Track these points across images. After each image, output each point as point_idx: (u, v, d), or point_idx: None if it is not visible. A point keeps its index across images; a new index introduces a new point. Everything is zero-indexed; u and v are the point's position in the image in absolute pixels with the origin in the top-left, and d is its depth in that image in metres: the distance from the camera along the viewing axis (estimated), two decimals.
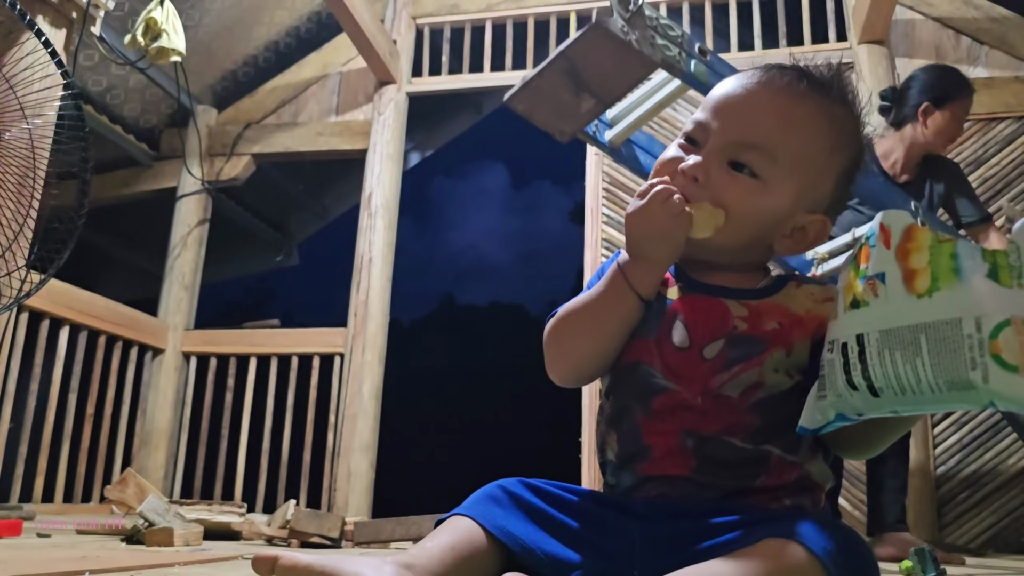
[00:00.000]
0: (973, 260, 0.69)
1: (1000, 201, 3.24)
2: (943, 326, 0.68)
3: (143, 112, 4.20)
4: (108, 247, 5.26)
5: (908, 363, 0.69)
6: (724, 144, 0.84)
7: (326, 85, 4.26)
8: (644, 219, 0.81)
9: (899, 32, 3.58)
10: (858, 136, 0.89)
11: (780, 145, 0.83)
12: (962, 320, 0.67)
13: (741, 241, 0.86)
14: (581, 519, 0.80)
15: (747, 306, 0.84)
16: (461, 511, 0.80)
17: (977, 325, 0.67)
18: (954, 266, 0.69)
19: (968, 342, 0.67)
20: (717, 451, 0.80)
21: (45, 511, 2.88)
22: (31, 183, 2.05)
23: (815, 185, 0.86)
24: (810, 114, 0.85)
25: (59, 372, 3.17)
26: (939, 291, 0.69)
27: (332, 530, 2.16)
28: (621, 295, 0.84)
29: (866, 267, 0.74)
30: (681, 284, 0.88)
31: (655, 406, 0.83)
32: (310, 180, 5.26)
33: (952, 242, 0.70)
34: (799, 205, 0.85)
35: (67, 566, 1.27)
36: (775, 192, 0.84)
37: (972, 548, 2.87)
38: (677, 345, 0.83)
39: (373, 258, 3.81)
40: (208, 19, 3.94)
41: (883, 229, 0.74)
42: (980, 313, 0.67)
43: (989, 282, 0.67)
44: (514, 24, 4.09)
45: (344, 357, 3.71)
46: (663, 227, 0.80)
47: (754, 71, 0.89)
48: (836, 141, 0.86)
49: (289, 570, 0.68)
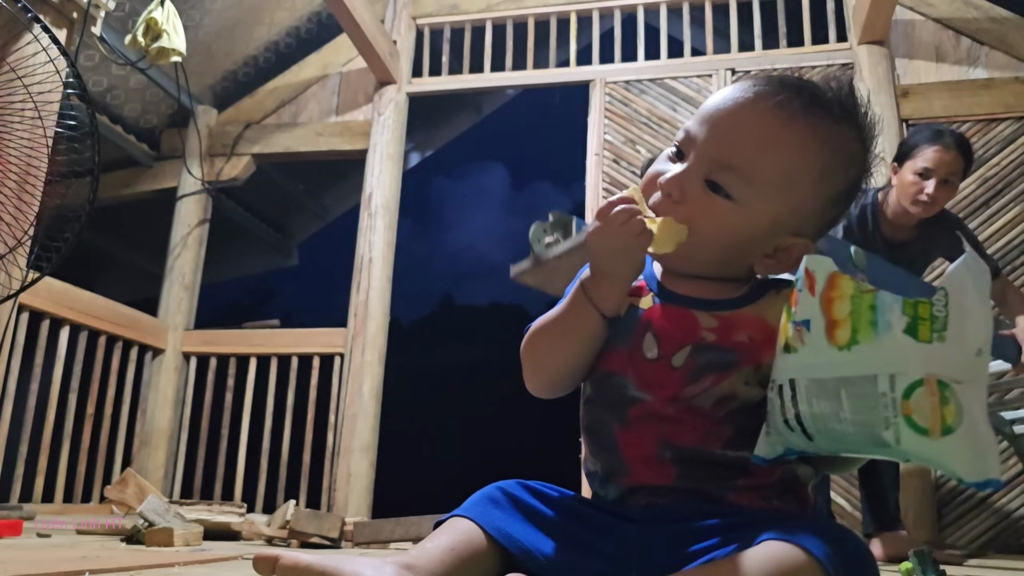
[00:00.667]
0: (892, 313, 0.66)
1: (1000, 202, 3.24)
2: (862, 381, 0.66)
3: (143, 112, 4.20)
4: (108, 247, 5.27)
5: (833, 415, 0.68)
6: (702, 161, 0.82)
7: (326, 85, 4.26)
8: (604, 239, 0.80)
9: (899, 32, 3.58)
10: (859, 157, 0.84)
11: (758, 169, 0.80)
12: (877, 377, 0.65)
13: (713, 260, 0.85)
14: (579, 521, 0.80)
15: (718, 317, 0.83)
16: (460, 512, 0.80)
17: (891, 384, 0.65)
18: (873, 319, 0.67)
19: (883, 400, 0.65)
20: (696, 459, 0.79)
21: (45, 511, 2.88)
22: (36, 180, 2.06)
23: (798, 209, 0.83)
24: (798, 137, 0.81)
25: (59, 372, 3.17)
26: (858, 344, 0.67)
27: (332, 530, 2.16)
28: (584, 312, 0.83)
29: (796, 311, 0.72)
30: (655, 294, 0.87)
31: (630, 416, 0.83)
32: (310, 180, 5.26)
33: (873, 293, 0.67)
34: (778, 228, 0.83)
35: (67, 566, 1.27)
36: (750, 215, 0.81)
37: (972, 549, 2.87)
38: (648, 356, 0.83)
39: (373, 258, 3.81)
40: (208, 19, 3.94)
41: (808, 274, 0.72)
42: (894, 371, 0.65)
43: (906, 338, 0.65)
44: (514, 24, 4.09)
45: (344, 357, 3.71)
46: (623, 247, 0.80)
47: (752, 82, 0.85)
48: (827, 165, 0.82)
49: (290, 570, 0.68)
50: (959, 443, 0.62)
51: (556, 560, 0.76)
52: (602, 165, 3.68)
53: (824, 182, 0.82)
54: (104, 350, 3.45)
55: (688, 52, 3.83)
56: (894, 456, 0.66)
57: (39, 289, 2.92)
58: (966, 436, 0.62)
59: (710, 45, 3.86)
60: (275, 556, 0.69)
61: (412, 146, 5.33)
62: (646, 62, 3.84)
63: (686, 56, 3.82)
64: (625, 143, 3.69)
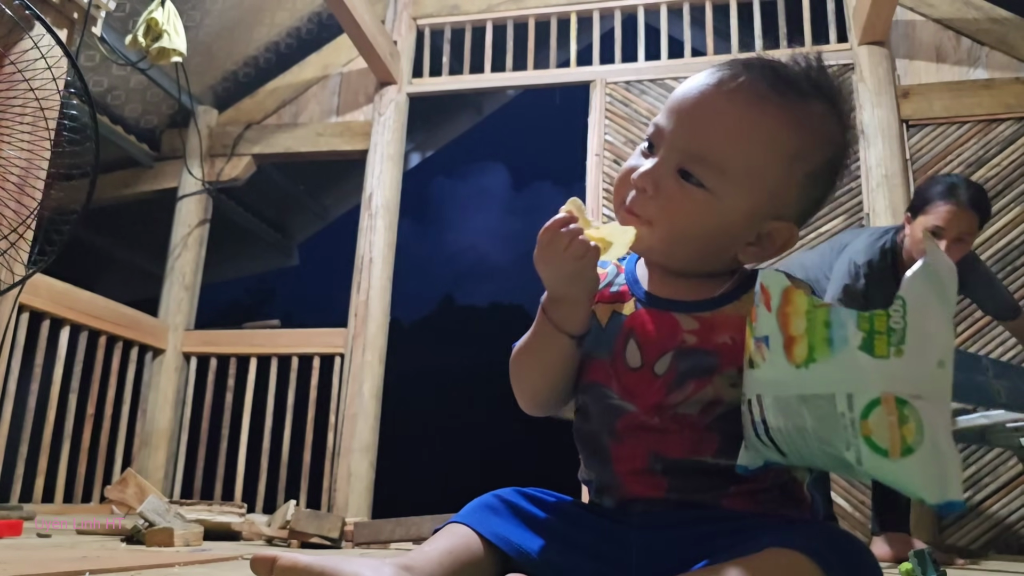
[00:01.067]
0: (847, 329, 0.63)
1: (1001, 202, 3.24)
2: (821, 400, 0.64)
3: (144, 113, 4.20)
4: (109, 247, 5.27)
5: (799, 432, 0.66)
6: (673, 152, 0.80)
7: (327, 86, 4.26)
8: (550, 264, 0.78)
9: (900, 33, 3.58)
10: (835, 134, 0.81)
11: (729, 157, 0.78)
12: (835, 396, 0.63)
13: (695, 253, 0.82)
14: (577, 525, 0.80)
15: (699, 319, 0.81)
16: (457, 519, 0.80)
17: (849, 403, 0.62)
18: (828, 336, 0.64)
19: (841, 420, 0.62)
20: (687, 469, 0.78)
21: (45, 511, 2.88)
22: (37, 179, 2.06)
23: (776, 194, 0.80)
24: (768, 120, 0.78)
25: (60, 372, 3.17)
26: (815, 362, 0.64)
27: (332, 531, 2.16)
28: (550, 335, 0.82)
29: (756, 326, 0.70)
30: (637, 299, 0.85)
31: (619, 429, 0.81)
32: (311, 181, 5.26)
33: (827, 309, 0.64)
34: (757, 215, 0.80)
35: (67, 566, 1.27)
36: (725, 205, 0.79)
37: (973, 550, 2.87)
38: (631, 365, 0.81)
39: (373, 258, 3.81)
40: (209, 20, 3.94)
41: (763, 290, 0.70)
42: (851, 390, 0.62)
43: (862, 354, 0.62)
44: (515, 25, 4.09)
45: (344, 357, 3.71)
46: (571, 271, 0.77)
47: (717, 68, 0.82)
48: (801, 146, 0.79)
49: (288, 570, 0.68)
50: (919, 464, 0.60)
51: (555, 563, 0.76)
52: (602, 166, 3.68)
53: (799, 163, 0.80)
54: (104, 350, 3.45)
55: (688, 53, 3.83)
56: (860, 476, 0.64)
57: (39, 289, 2.93)
58: (926, 456, 0.60)
59: (710, 46, 3.86)
60: (273, 557, 0.69)
61: (412, 146, 5.33)
62: (646, 63, 3.84)
63: (686, 57, 3.82)
64: (626, 144, 3.69)
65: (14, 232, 2.02)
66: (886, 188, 3.29)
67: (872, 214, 3.29)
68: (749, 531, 0.71)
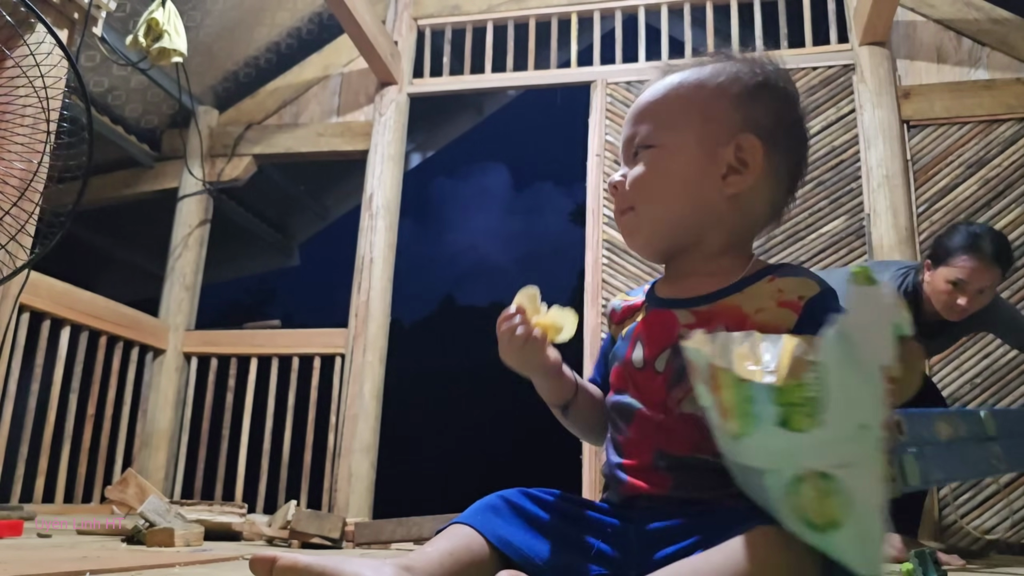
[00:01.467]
0: (763, 405, 0.60)
1: (1001, 203, 3.24)
2: (755, 474, 0.63)
3: (144, 113, 4.20)
4: (109, 247, 5.27)
5: (761, 498, 0.65)
6: (629, 147, 0.91)
7: (327, 86, 4.26)
8: (506, 355, 0.89)
9: (900, 34, 3.58)
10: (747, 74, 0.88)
11: (661, 113, 0.89)
12: (764, 473, 0.62)
13: (683, 217, 0.87)
14: (579, 525, 0.80)
15: (695, 313, 0.84)
16: (460, 520, 0.80)
17: (776, 479, 0.61)
18: (751, 411, 0.61)
19: (772, 495, 0.61)
20: (691, 467, 0.80)
21: (46, 511, 2.88)
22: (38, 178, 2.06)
23: (710, 117, 0.87)
24: (685, 76, 0.90)
25: (60, 372, 3.17)
26: (746, 436, 0.62)
27: (333, 531, 2.16)
28: (544, 384, 0.92)
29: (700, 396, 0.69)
30: (646, 306, 0.91)
31: (632, 427, 0.85)
32: (311, 181, 5.26)
33: (749, 384, 0.61)
34: (708, 141, 0.86)
35: (67, 566, 1.27)
36: (673, 146, 0.87)
37: (974, 550, 2.87)
38: (637, 365, 0.86)
39: (374, 259, 3.81)
40: (209, 20, 3.94)
41: (691, 364, 0.68)
42: (775, 466, 0.61)
43: (780, 431, 0.59)
44: (515, 25, 4.09)
45: (345, 358, 3.71)
46: (522, 357, 0.88)
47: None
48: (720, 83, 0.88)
49: (288, 570, 0.68)
50: (847, 538, 0.59)
51: (556, 564, 0.77)
52: (603, 166, 3.68)
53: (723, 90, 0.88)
54: (105, 350, 3.45)
55: (689, 53, 3.83)
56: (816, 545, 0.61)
57: (40, 289, 2.93)
58: (853, 530, 0.58)
59: (711, 46, 3.86)
60: (273, 557, 0.69)
61: (413, 147, 5.33)
62: (647, 63, 3.84)
63: (687, 57, 3.82)
64: None
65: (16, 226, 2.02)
66: (887, 188, 3.29)
67: (873, 214, 3.29)
68: (743, 515, 0.71)
